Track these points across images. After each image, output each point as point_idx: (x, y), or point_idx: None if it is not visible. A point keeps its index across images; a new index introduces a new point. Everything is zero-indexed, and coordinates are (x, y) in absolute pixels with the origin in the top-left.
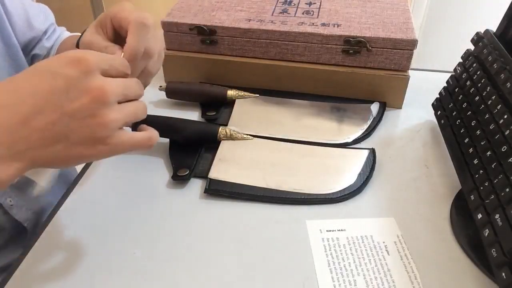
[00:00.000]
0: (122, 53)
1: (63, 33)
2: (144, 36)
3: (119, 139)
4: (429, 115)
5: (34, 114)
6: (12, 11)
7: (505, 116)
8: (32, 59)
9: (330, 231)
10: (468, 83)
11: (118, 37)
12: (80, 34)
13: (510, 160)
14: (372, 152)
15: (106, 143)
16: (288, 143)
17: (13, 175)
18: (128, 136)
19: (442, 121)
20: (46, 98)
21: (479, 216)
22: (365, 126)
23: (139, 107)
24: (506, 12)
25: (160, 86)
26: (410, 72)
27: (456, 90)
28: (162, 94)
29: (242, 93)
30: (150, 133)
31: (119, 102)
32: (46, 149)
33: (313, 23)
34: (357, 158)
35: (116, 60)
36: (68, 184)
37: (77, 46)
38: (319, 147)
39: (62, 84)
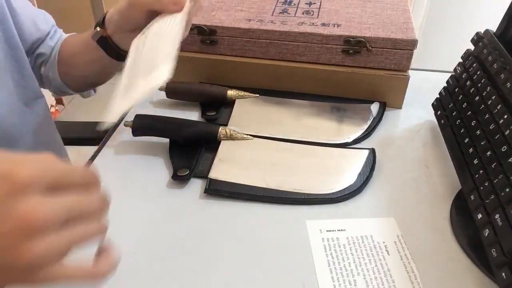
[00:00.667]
0: None
1: (63, 35)
2: None
3: (46, 276)
4: (429, 115)
5: None
6: (20, 12)
7: (505, 116)
8: (36, 58)
9: (330, 231)
10: (468, 83)
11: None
12: (76, 34)
13: (510, 160)
14: (372, 152)
15: (30, 280)
16: (288, 143)
17: None
18: (61, 272)
19: (442, 121)
20: None
21: (479, 216)
22: (365, 126)
23: (91, 231)
24: (506, 12)
25: (160, 86)
26: (410, 72)
27: (456, 90)
28: (162, 94)
29: (242, 93)
30: (94, 269)
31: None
32: None
33: (313, 23)
34: (357, 158)
35: (74, 172)
36: None
37: (99, 26)
38: (319, 147)
39: None
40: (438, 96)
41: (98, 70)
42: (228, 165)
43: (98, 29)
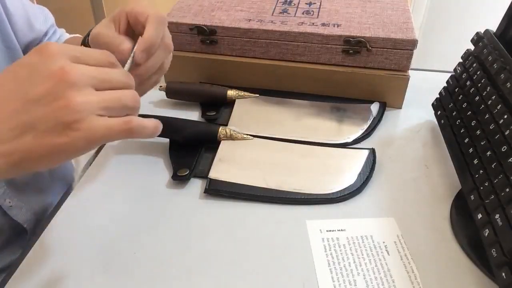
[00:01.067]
0: (135, 46)
1: (63, 35)
2: (162, 29)
3: (90, 124)
4: (429, 115)
5: (6, 98)
6: (13, 11)
7: (505, 116)
8: None
9: (330, 231)
10: (468, 83)
11: (131, 35)
12: (80, 35)
13: (510, 160)
14: (372, 152)
15: (76, 129)
16: (288, 143)
17: None
18: (102, 120)
19: (442, 121)
20: (9, 88)
21: (479, 216)
22: (365, 126)
23: (124, 94)
24: (506, 12)
25: (160, 86)
26: (410, 72)
27: (456, 90)
28: (162, 94)
29: (242, 93)
30: (129, 117)
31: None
32: (15, 141)
33: (313, 23)
34: (357, 158)
35: (92, 51)
36: (68, 184)
37: (84, 43)
38: (319, 147)
39: (25, 72)
40: (438, 96)
41: None
42: (228, 165)
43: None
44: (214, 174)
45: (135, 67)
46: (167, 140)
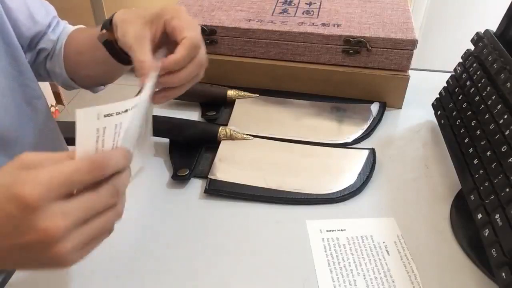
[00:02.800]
0: (162, 61)
1: (67, 27)
2: (195, 53)
3: (74, 260)
4: (429, 115)
5: None
6: (13, 7)
7: (505, 116)
8: (38, 54)
9: (330, 231)
10: (468, 83)
11: (164, 38)
12: (84, 26)
13: (510, 160)
14: (372, 152)
15: (65, 264)
16: (288, 143)
17: None
18: (84, 252)
19: (442, 121)
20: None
21: (479, 216)
22: (365, 126)
23: (107, 222)
24: (506, 12)
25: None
26: (410, 72)
27: (456, 90)
28: None
29: (242, 93)
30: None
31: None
32: (9, 264)
33: (313, 23)
34: (357, 158)
35: (75, 174)
36: None
37: (106, 28)
38: (319, 147)
39: (7, 221)
40: (438, 96)
41: (104, 71)
42: (228, 165)
43: (104, 31)
44: (214, 174)
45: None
46: (167, 140)
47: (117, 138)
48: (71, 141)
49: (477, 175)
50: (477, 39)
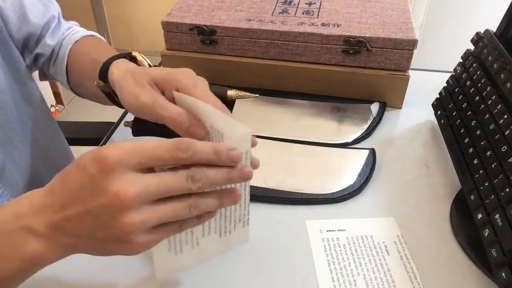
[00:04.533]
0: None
1: (73, 32)
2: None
3: (142, 240)
4: (429, 115)
5: (68, 204)
6: (3, 5)
7: (505, 116)
8: (35, 58)
9: (330, 231)
10: (468, 83)
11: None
12: (97, 35)
13: (510, 160)
14: (372, 152)
15: (130, 242)
16: (288, 143)
17: (56, 255)
18: (152, 236)
19: (442, 121)
20: (76, 193)
21: (479, 216)
22: (365, 126)
23: (181, 209)
24: (506, 12)
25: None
26: (410, 72)
27: (456, 90)
28: None
29: (242, 93)
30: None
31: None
32: (78, 239)
33: (313, 23)
34: (357, 158)
35: (157, 149)
36: None
37: (102, 75)
38: (319, 147)
39: (86, 181)
40: (438, 96)
41: (107, 101)
42: None
43: (100, 81)
44: None
45: None
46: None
47: None
48: (71, 141)
49: (477, 175)
50: (477, 39)
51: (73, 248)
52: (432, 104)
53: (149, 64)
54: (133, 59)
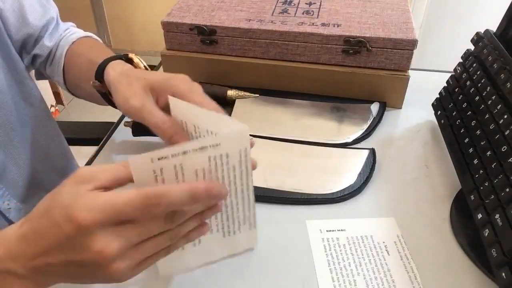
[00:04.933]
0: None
1: (70, 33)
2: None
3: (126, 276)
4: (429, 115)
5: (45, 255)
6: (3, 7)
7: (505, 116)
8: (33, 59)
9: (330, 231)
10: (468, 83)
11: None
12: (95, 37)
13: (510, 160)
14: (372, 152)
15: (119, 280)
16: (288, 143)
17: None
18: (136, 271)
19: (442, 121)
20: (54, 247)
21: (479, 216)
22: (365, 126)
23: (162, 245)
24: (506, 12)
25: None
26: (410, 72)
27: (456, 90)
28: None
29: (242, 93)
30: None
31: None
32: (62, 279)
33: (313, 23)
34: (357, 158)
35: (130, 203)
36: None
37: (98, 75)
38: (319, 147)
39: (63, 240)
40: (438, 96)
41: (103, 102)
42: None
43: (96, 82)
44: None
45: None
46: None
47: (181, 178)
48: (71, 141)
49: (477, 175)
50: (477, 39)
51: (59, 281)
52: (432, 104)
53: (145, 66)
54: (129, 61)
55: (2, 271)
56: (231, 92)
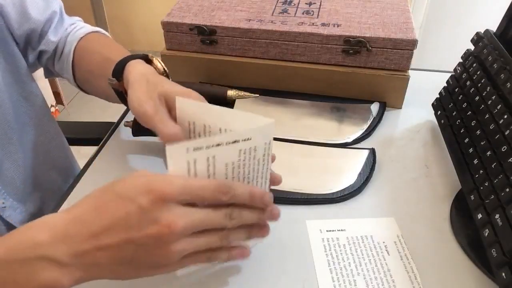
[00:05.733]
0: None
1: (78, 28)
2: None
3: (179, 264)
4: (429, 115)
5: (104, 233)
6: (3, 2)
7: (505, 116)
8: (39, 56)
9: (330, 231)
10: (468, 83)
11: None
12: (102, 31)
13: (510, 160)
14: (372, 152)
15: (167, 268)
16: (288, 143)
17: (74, 283)
18: (188, 260)
19: (442, 121)
20: (118, 222)
21: (479, 216)
22: (365, 126)
23: (215, 242)
24: (506, 12)
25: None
26: (410, 72)
27: (456, 90)
28: None
29: (242, 93)
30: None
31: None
32: (109, 267)
33: (313, 23)
34: (357, 158)
35: (205, 188)
36: (68, 184)
37: (117, 73)
38: (319, 147)
39: (134, 213)
40: (438, 96)
41: (114, 99)
42: None
43: (114, 79)
44: None
45: None
46: None
47: (212, 171)
48: (71, 141)
49: (477, 175)
50: (477, 39)
51: (93, 276)
52: (432, 104)
53: (164, 68)
54: (149, 62)
55: (41, 257)
56: (231, 92)
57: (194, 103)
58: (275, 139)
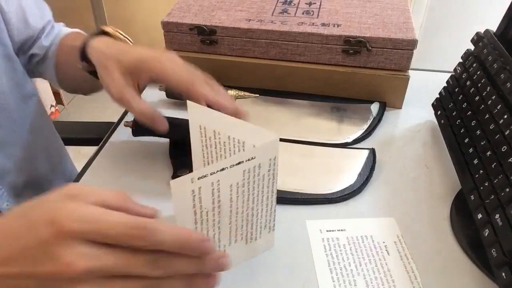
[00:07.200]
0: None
1: (62, 30)
2: None
3: None
4: (429, 115)
5: (5, 262)
6: (6, 9)
7: (505, 116)
8: (30, 58)
9: (330, 231)
10: (468, 83)
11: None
12: (79, 30)
13: (510, 160)
14: (372, 152)
15: None
16: (288, 143)
17: None
18: None
19: (442, 121)
20: (20, 252)
21: (479, 216)
22: (365, 126)
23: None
24: (506, 12)
25: (160, 86)
26: (410, 72)
27: (456, 90)
28: (162, 94)
29: (242, 93)
30: None
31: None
32: None
33: (313, 23)
34: (357, 158)
35: (116, 228)
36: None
37: (82, 56)
38: (319, 147)
39: (35, 244)
40: (438, 96)
41: (91, 87)
42: None
43: (83, 62)
44: None
45: None
46: (167, 140)
47: (216, 194)
48: (71, 141)
49: (477, 175)
50: (477, 39)
51: None
52: (432, 104)
53: (126, 37)
54: (106, 34)
55: None
56: (231, 92)
57: (203, 109)
58: None
